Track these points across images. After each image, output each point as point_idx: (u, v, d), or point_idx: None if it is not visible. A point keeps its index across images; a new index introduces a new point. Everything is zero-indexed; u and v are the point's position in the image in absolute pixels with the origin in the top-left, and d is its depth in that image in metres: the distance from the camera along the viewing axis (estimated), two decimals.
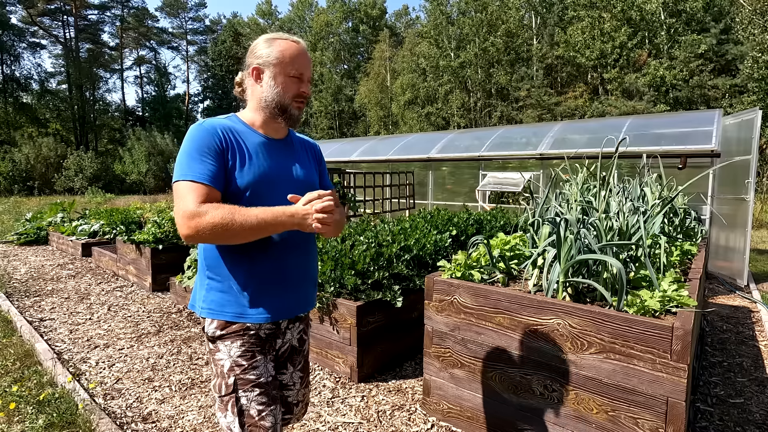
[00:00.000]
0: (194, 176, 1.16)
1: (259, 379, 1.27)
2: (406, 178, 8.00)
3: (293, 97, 1.32)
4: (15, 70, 35.48)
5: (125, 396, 2.61)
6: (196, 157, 1.19)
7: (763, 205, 11.62)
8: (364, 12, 40.80)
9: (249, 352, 1.28)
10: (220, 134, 1.23)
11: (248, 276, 1.27)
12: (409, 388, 2.69)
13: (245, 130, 1.31)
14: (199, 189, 1.15)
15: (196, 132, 1.23)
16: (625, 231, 2.12)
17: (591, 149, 6.69)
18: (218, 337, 1.28)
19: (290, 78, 1.30)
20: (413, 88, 30.57)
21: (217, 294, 1.28)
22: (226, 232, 1.11)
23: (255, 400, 1.25)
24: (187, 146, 1.21)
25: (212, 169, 1.19)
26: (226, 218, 1.11)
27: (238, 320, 1.27)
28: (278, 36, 1.32)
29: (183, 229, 1.13)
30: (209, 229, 1.11)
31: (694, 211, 5.02)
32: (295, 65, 1.30)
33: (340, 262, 2.95)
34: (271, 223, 1.16)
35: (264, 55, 1.29)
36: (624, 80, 23.22)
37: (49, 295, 4.78)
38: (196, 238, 1.13)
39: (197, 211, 1.12)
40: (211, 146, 1.21)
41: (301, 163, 1.41)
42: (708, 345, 3.48)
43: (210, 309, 1.28)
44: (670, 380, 1.58)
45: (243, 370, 1.26)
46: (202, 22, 47.49)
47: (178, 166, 1.20)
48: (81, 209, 9.60)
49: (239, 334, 1.27)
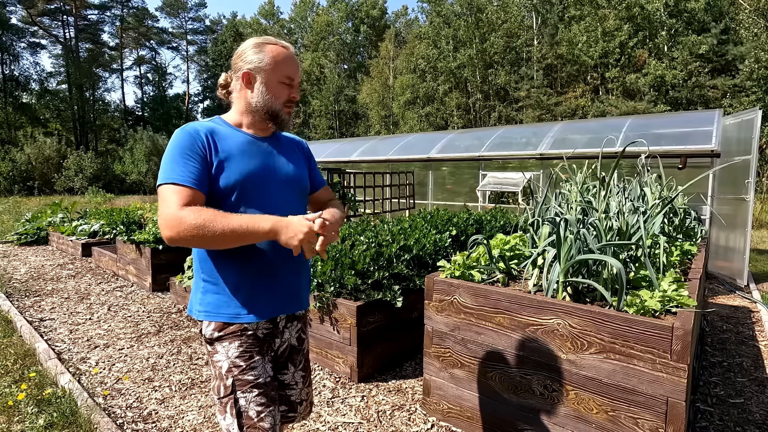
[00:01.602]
0: (177, 179, 1.16)
1: (258, 380, 1.27)
2: (406, 178, 8.00)
3: (284, 103, 1.33)
4: (15, 69, 35.49)
5: (125, 396, 2.61)
6: (178, 161, 1.19)
7: (763, 205, 11.62)
8: (365, 12, 40.83)
9: (247, 352, 1.28)
10: (203, 136, 1.23)
11: (241, 275, 1.28)
12: (409, 388, 2.69)
13: (230, 130, 1.31)
14: (182, 192, 1.15)
15: (179, 136, 1.23)
16: (625, 231, 2.12)
17: (591, 149, 6.69)
18: (216, 338, 1.28)
19: (281, 84, 1.31)
20: (413, 89, 30.59)
21: (212, 296, 1.28)
22: (206, 236, 1.11)
23: (254, 401, 1.25)
24: (171, 150, 1.21)
25: (195, 171, 1.19)
26: (207, 223, 1.10)
27: (235, 321, 1.27)
28: (267, 41, 1.32)
29: (165, 231, 1.13)
30: (190, 233, 1.11)
31: (694, 211, 5.01)
32: (286, 71, 1.31)
33: (340, 262, 2.95)
34: (251, 232, 1.14)
35: (255, 61, 1.29)
36: (625, 80, 23.23)
37: (49, 295, 4.78)
38: (178, 241, 1.13)
39: (178, 214, 1.12)
40: (194, 148, 1.21)
41: (290, 160, 1.41)
42: (708, 345, 3.48)
43: (207, 311, 1.28)
44: (670, 380, 1.58)
45: (241, 370, 1.26)
46: (202, 22, 47.51)
47: (161, 169, 1.20)
48: (81, 209, 9.60)
49: (237, 335, 1.27)
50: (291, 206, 1.34)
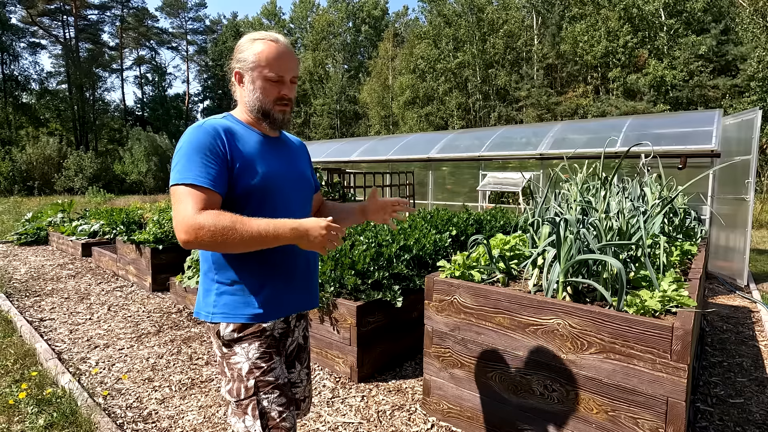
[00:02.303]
0: (194, 179, 1.11)
1: (278, 381, 1.26)
2: (406, 178, 8.00)
3: (274, 101, 1.26)
4: (15, 69, 35.47)
5: (125, 396, 2.61)
6: (195, 160, 1.13)
7: (763, 205, 11.62)
8: (366, 12, 40.83)
9: (267, 353, 1.26)
10: (222, 136, 1.19)
11: (259, 275, 1.26)
12: (409, 388, 2.69)
13: (245, 129, 1.28)
14: (199, 193, 1.10)
15: (195, 133, 1.17)
16: (625, 231, 2.12)
17: (591, 149, 6.70)
18: (235, 340, 1.25)
19: (269, 81, 1.24)
20: (413, 89, 30.58)
21: (228, 297, 1.25)
22: (226, 241, 1.07)
23: (275, 402, 1.23)
24: (186, 148, 1.16)
25: (213, 172, 1.14)
26: (228, 228, 1.06)
27: (254, 321, 1.25)
28: (258, 36, 1.26)
29: (181, 235, 1.08)
30: (208, 237, 1.07)
31: (694, 211, 5.02)
32: (273, 67, 1.23)
33: (340, 262, 2.95)
34: (272, 236, 1.11)
35: (242, 59, 1.25)
36: (627, 80, 23.23)
37: (49, 295, 4.78)
38: (194, 245, 1.09)
39: (196, 218, 1.07)
40: (213, 148, 1.16)
41: (299, 159, 1.41)
42: (708, 345, 3.48)
43: (224, 313, 1.25)
44: (670, 380, 1.58)
45: (262, 372, 1.24)
46: (202, 22, 47.53)
47: (176, 168, 1.14)
48: (81, 209, 9.60)
49: (256, 335, 1.25)
50: (306, 207, 1.35)
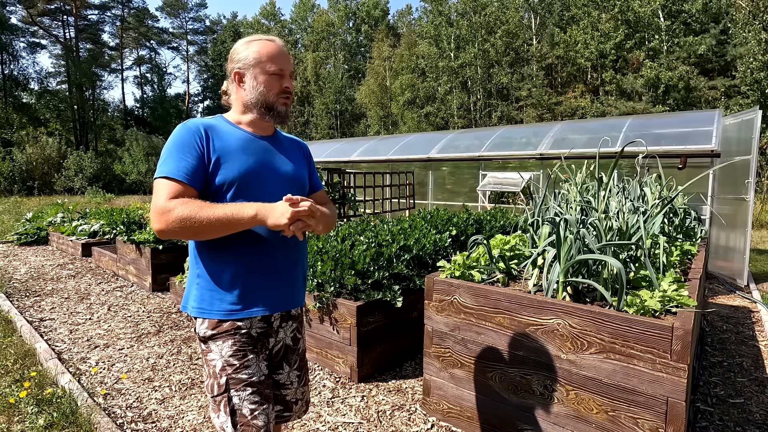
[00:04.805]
0: (168, 173, 1.19)
1: (251, 378, 1.27)
2: (406, 178, 8.00)
3: (278, 94, 1.33)
4: (14, 69, 35.47)
5: (125, 396, 2.61)
6: (174, 155, 1.22)
7: (763, 205, 11.62)
8: (366, 12, 40.80)
9: (240, 351, 1.27)
10: (201, 132, 1.25)
11: (235, 273, 1.28)
12: (409, 388, 2.69)
13: (229, 127, 1.33)
14: (172, 185, 1.19)
15: (178, 131, 1.26)
16: (624, 231, 2.12)
17: (591, 149, 6.69)
18: (209, 337, 1.28)
19: (271, 75, 1.32)
20: (413, 89, 30.56)
21: (206, 292, 1.28)
22: (194, 226, 1.14)
23: (247, 399, 1.25)
24: (168, 145, 1.24)
25: (188, 166, 1.21)
26: (193, 213, 1.14)
27: (229, 318, 1.27)
28: (253, 38, 1.35)
29: (154, 223, 1.16)
30: (177, 224, 1.14)
31: (694, 211, 5.02)
32: (274, 62, 1.32)
33: (340, 262, 2.95)
34: (237, 218, 1.16)
35: (242, 59, 1.32)
36: (621, 81, 23.24)
37: (49, 295, 4.78)
38: (168, 233, 1.16)
39: (166, 206, 1.15)
40: (191, 144, 1.23)
41: (290, 159, 1.42)
42: (708, 345, 3.48)
43: (200, 308, 1.28)
44: (670, 380, 1.58)
45: (235, 369, 1.26)
46: (202, 23, 47.52)
47: (158, 163, 1.24)
48: (81, 209, 9.60)
49: (230, 333, 1.27)
50: None
